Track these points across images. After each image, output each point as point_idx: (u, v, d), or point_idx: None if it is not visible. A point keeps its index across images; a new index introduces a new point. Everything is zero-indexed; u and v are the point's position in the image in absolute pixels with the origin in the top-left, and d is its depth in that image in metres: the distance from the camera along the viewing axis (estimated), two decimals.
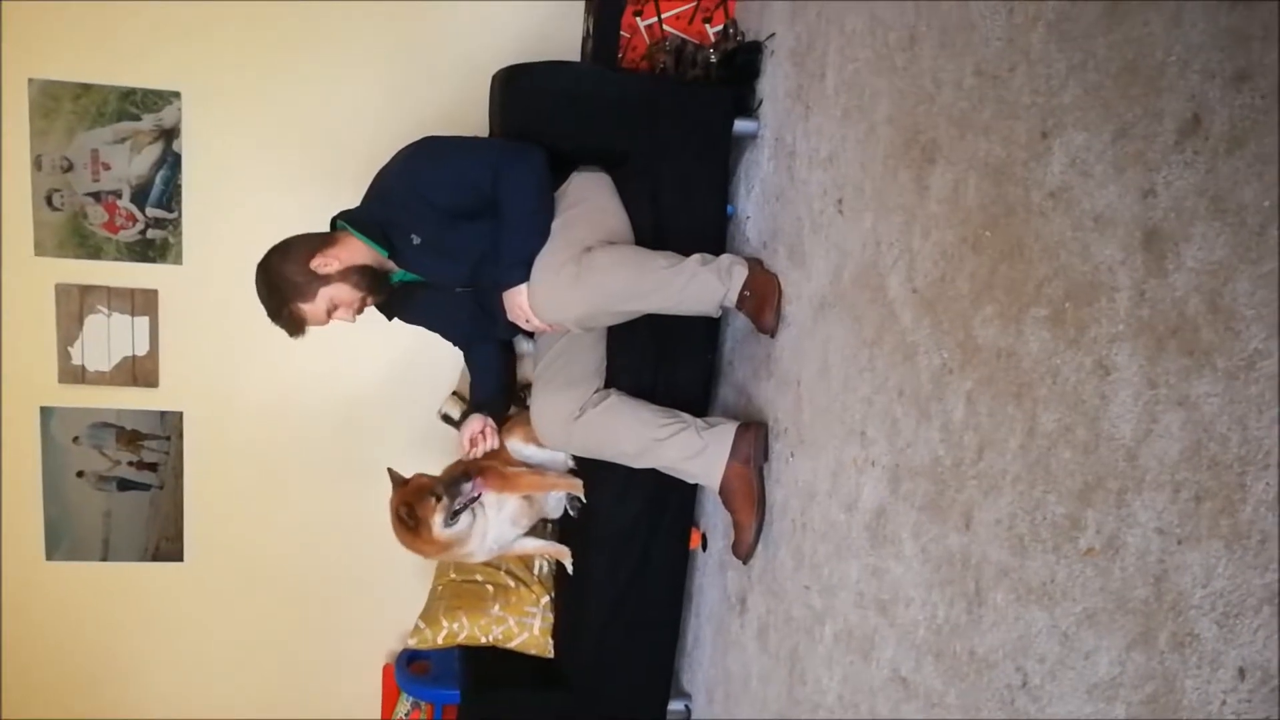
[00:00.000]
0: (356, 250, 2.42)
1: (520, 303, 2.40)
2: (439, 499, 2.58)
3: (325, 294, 2.40)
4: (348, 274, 2.40)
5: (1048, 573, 1.44)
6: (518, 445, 2.83)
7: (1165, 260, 1.23)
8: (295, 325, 2.43)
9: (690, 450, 2.49)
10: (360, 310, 2.48)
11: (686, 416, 2.55)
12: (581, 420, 2.54)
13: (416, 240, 2.42)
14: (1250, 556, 1.10)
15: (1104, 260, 1.34)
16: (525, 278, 2.39)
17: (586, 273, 2.33)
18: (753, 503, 2.49)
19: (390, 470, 2.67)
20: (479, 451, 2.69)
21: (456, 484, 2.60)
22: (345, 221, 2.45)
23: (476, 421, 2.71)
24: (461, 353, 2.87)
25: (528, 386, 2.89)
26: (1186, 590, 1.19)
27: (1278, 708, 1.06)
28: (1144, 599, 1.26)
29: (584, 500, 2.78)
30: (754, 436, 2.49)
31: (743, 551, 2.54)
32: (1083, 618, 1.37)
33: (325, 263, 2.38)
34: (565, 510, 2.89)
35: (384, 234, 2.42)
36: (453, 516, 2.61)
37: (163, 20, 3.05)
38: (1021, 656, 1.50)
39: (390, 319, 2.69)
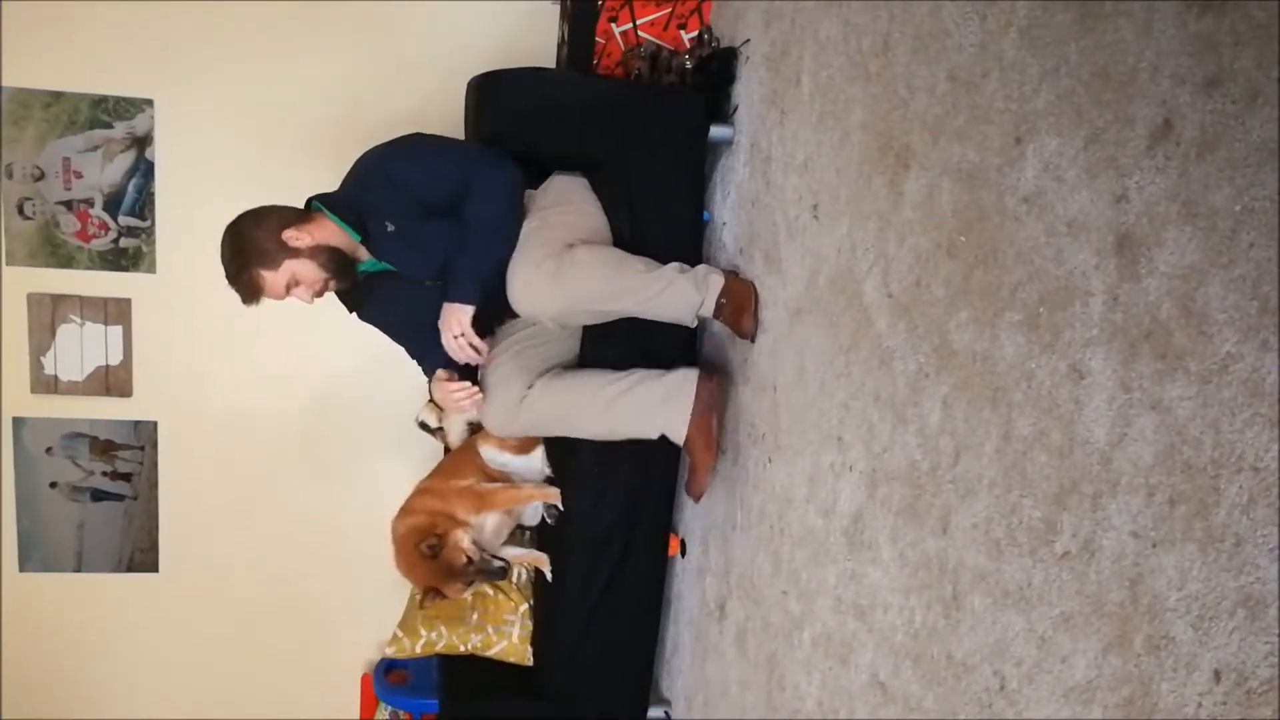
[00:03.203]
0: (330, 232, 2.41)
1: (461, 320, 2.37)
2: (470, 584, 2.67)
3: (289, 266, 2.37)
4: (316, 252, 2.38)
5: (1024, 576, 1.44)
6: (493, 453, 2.82)
7: (1138, 265, 1.24)
8: (252, 291, 2.39)
9: (650, 401, 2.48)
10: (320, 293, 2.45)
11: (636, 370, 2.53)
12: (526, 400, 2.49)
13: (390, 228, 2.41)
14: (1224, 559, 1.11)
15: (1077, 265, 1.34)
16: (474, 299, 2.37)
17: (567, 268, 2.33)
18: (711, 446, 2.53)
19: (422, 549, 2.62)
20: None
21: (491, 574, 2.66)
22: (320, 203, 2.44)
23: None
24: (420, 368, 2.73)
25: None
26: (1161, 593, 1.19)
27: (1253, 709, 1.07)
28: (1119, 602, 1.26)
29: (560, 508, 2.77)
30: (716, 385, 2.53)
31: (697, 490, 2.60)
32: (1059, 621, 1.37)
33: (297, 236, 2.37)
34: (543, 518, 2.88)
35: (359, 218, 2.41)
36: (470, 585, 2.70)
37: (134, 27, 3.02)
38: (999, 660, 1.50)
39: (351, 311, 2.65)
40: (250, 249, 2.37)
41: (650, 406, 2.49)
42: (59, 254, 3.11)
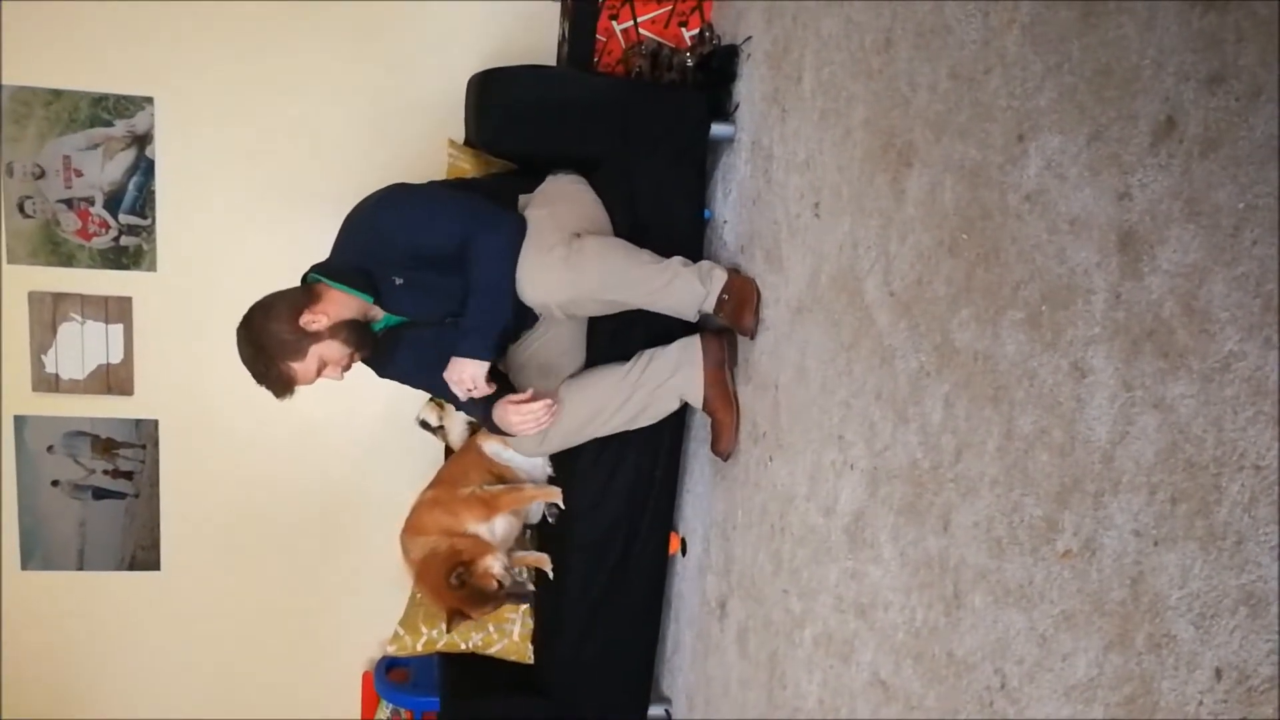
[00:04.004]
0: (341, 303, 2.36)
1: (475, 375, 2.35)
2: (498, 606, 2.64)
3: (315, 352, 2.32)
4: (337, 330, 2.34)
5: (1025, 575, 1.44)
6: (497, 449, 2.82)
7: (1140, 263, 1.23)
8: (284, 386, 2.35)
9: (664, 374, 2.54)
10: (348, 367, 2.42)
11: (642, 353, 2.58)
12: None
13: (399, 281, 2.38)
14: (1226, 557, 1.11)
15: (1080, 263, 1.34)
16: (487, 354, 2.35)
17: (575, 256, 2.32)
18: (729, 402, 2.56)
19: (450, 581, 2.58)
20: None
21: (521, 597, 2.66)
22: (321, 274, 2.40)
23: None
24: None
25: None
26: (1163, 592, 1.19)
27: (1254, 707, 1.07)
28: (1121, 600, 1.26)
29: (561, 507, 2.77)
30: (722, 340, 2.55)
31: (724, 448, 2.60)
32: (1060, 619, 1.37)
33: (314, 319, 2.32)
34: (544, 516, 2.87)
35: (367, 280, 2.37)
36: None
37: (134, 25, 3.02)
38: (1000, 658, 1.50)
39: (380, 375, 2.61)
40: (272, 345, 2.32)
41: (664, 380, 2.55)
42: (60, 252, 3.11)
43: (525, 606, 2.97)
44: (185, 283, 3.19)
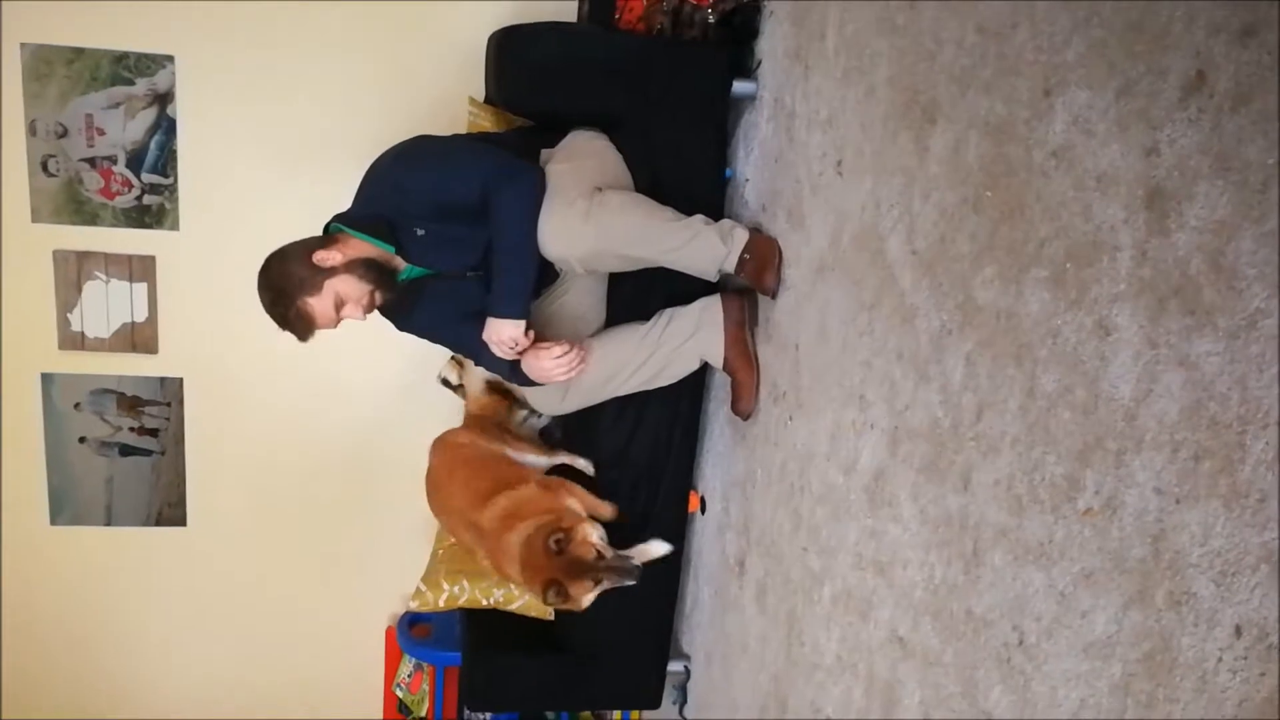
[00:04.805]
0: (359, 248, 2.36)
1: (514, 335, 2.35)
2: (598, 583, 2.46)
3: (331, 287, 2.32)
4: (353, 265, 2.33)
5: (1045, 533, 1.44)
6: (512, 455, 2.84)
7: (1167, 219, 1.22)
8: (304, 326, 2.35)
9: (684, 334, 2.56)
10: (369, 307, 2.39)
11: (663, 312, 2.60)
12: (571, 380, 2.53)
13: (420, 232, 2.37)
14: (1249, 515, 1.10)
15: (1106, 220, 1.33)
16: (521, 313, 2.35)
17: (598, 210, 2.32)
18: (750, 362, 2.56)
19: (549, 544, 2.42)
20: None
21: (624, 573, 2.45)
22: (342, 224, 2.39)
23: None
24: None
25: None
26: (1184, 549, 1.19)
27: (1275, 664, 1.07)
28: (1141, 558, 1.26)
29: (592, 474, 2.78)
30: (743, 300, 2.56)
31: (744, 408, 2.60)
32: (1080, 577, 1.37)
33: (328, 256, 2.32)
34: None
35: (388, 229, 2.36)
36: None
37: None
38: (1018, 615, 1.50)
39: (401, 329, 2.61)
40: (288, 285, 2.32)
41: (685, 339, 2.56)
42: (83, 211, 3.13)
43: None
44: (208, 241, 3.21)
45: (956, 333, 1.68)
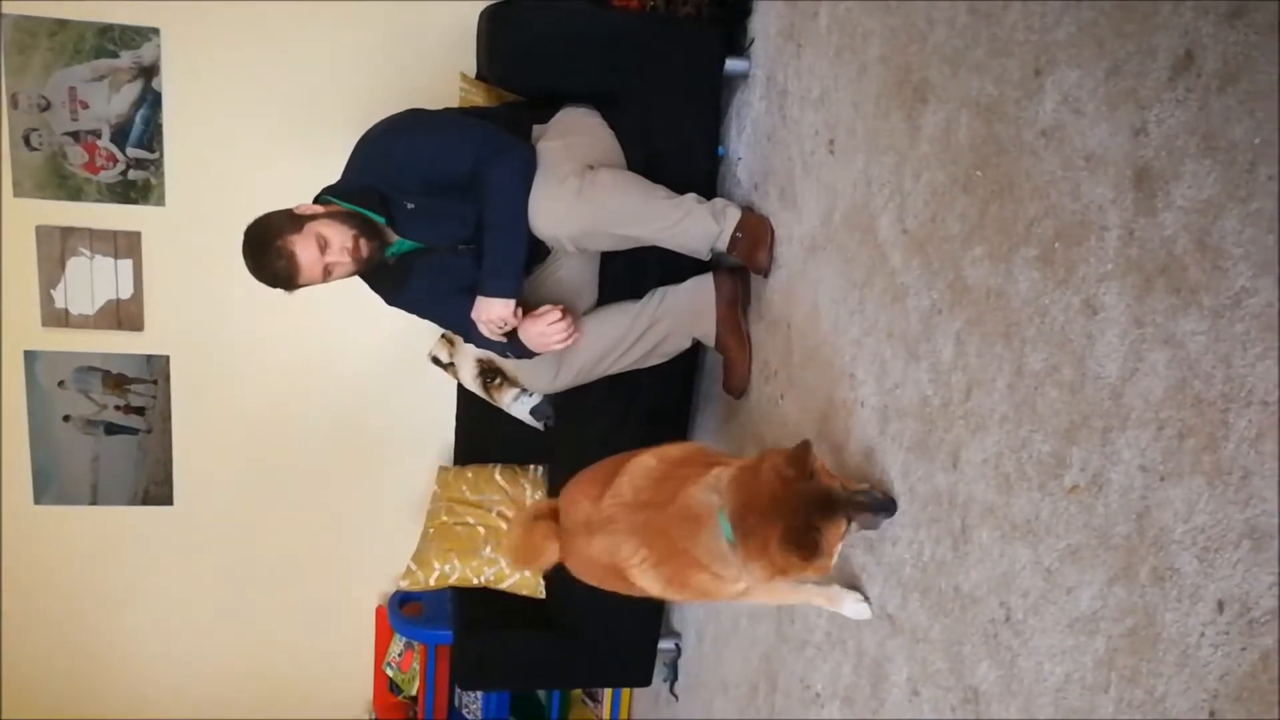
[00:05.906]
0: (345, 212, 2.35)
1: (503, 314, 2.35)
2: (848, 523, 1.78)
3: (312, 228, 2.27)
4: (335, 213, 2.31)
5: (1032, 510, 1.46)
6: None
7: (1155, 199, 1.23)
8: (287, 267, 2.27)
9: (676, 312, 2.57)
10: (355, 255, 2.32)
11: (655, 290, 2.60)
12: (565, 356, 2.54)
13: (411, 205, 2.36)
14: (1231, 492, 1.12)
15: (1094, 199, 1.34)
16: (512, 290, 2.34)
17: (589, 188, 2.32)
18: (742, 340, 2.57)
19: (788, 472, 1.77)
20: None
21: (880, 508, 1.81)
22: (333, 195, 2.38)
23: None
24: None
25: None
26: (1168, 526, 1.21)
27: (1255, 639, 1.09)
28: (1126, 535, 1.27)
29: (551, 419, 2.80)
30: (735, 279, 2.56)
31: (736, 386, 2.61)
32: (1066, 554, 1.39)
33: (310, 208, 2.33)
34: (545, 424, 2.89)
35: (379, 201, 2.35)
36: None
37: None
38: (1005, 592, 1.52)
39: (390, 304, 2.58)
40: (267, 230, 2.29)
41: (677, 318, 2.57)
42: (67, 186, 3.10)
43: None
44: (194, 217, 3.18)
45: (946, 311, 1.69)
